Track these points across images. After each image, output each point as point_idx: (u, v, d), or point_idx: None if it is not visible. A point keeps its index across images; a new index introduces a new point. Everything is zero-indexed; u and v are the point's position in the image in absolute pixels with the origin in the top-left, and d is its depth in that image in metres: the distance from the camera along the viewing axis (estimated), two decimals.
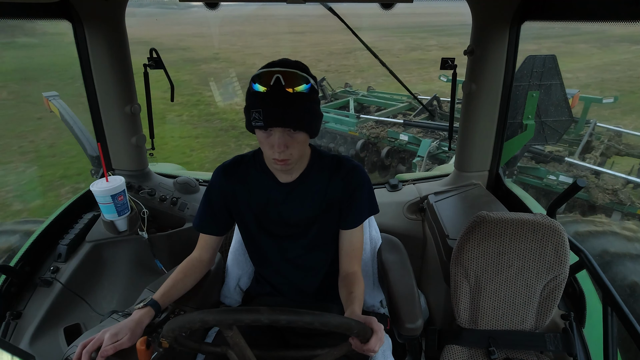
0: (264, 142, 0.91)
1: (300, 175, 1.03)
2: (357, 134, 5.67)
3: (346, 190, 1.04)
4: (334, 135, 6.04)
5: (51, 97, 2.27)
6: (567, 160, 4.24)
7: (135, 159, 1.74)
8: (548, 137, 2.12)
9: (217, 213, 1.08)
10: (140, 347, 0.81)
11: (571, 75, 11.41)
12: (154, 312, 0.94)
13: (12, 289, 1.24)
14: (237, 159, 1.08)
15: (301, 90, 0.86)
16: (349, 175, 1.03)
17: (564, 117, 2.11)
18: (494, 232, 1.15)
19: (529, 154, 4.48)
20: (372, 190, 1.08)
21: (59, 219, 1.50)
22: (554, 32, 18.69)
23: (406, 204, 1.80)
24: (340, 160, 1.05)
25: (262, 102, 0.84)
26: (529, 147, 4.15)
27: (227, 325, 0.73)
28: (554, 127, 2.12)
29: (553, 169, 4.16)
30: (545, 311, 1.17)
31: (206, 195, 1.08)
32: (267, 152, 0.92)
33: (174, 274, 1.04)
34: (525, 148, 4.25)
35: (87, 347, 0.82)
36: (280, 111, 0.84)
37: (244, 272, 1.28)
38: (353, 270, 1.06)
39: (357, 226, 1.07)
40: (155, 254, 1.52)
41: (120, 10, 1.50)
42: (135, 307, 0.94)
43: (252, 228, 1.09)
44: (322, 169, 1.04)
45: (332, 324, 0.72)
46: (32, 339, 1.10)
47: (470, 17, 1.53)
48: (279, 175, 1.03)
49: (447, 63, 1.57)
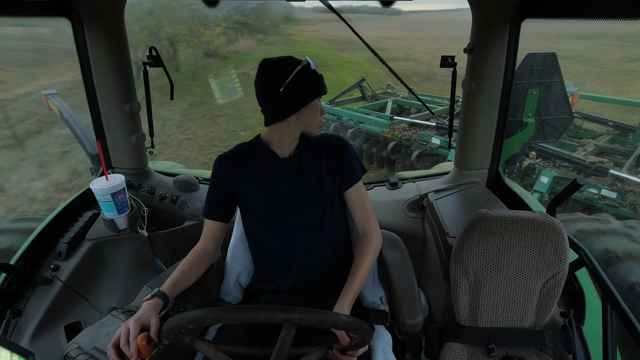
0: (319, 108, 1.12)
1: (296, 149, 1.14)
2: (390, 135, 5.66)
3: (338, 157, 1.15)
4: (367, 135, 6.06)
5: (50, 95, 2.26)
6: (612, 173, 3.85)
7: (135, 157, 1.74)
8: (548, 135, 2.12)
9: (224, 200, 1.14)
10: (140, 342, 0.82)
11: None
12: (162, 303, 0.97)
13: (13, 287, 1.24)
14: (237, 147, 1.16)
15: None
16: (336, 144, 1.17)
17: (564, 115, 2.11)
18: (493, 230, 1.16)
19: (569, 165, 4.19)
20: (355, 153, 1.20)
21: (59, 217, 1.50)
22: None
23: (406, 202, 1.80)
24: (322, 136, 1.19)
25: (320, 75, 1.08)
26: (528, 144, 4.08)
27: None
28: (554, 125, 2.12)
29: (595, 182, 3.82)
30: (545, 309, 1.17)
31: (212, 184, 1.15)
32: (318, 117, 1.12)
33: (180, 266, 1.08)
34: (526, 146, 4.21)
35: (120, 339, 0.84)
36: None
37: (244, 268, 1.28)
38: (367, 230, 1.15)
39: (357, 181, 1.17)
40: (155, 252, 1.52)
41: (119, 8, 1.49)
42: (142, 300, 0.95)
43: (258, 213, 1.14)
44: (310, 146, 1.16)
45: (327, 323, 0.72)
46: (32, 337, 1.10)
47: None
48: (282, 151, 1.12)
49: (446, 61, 1.57)
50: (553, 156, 4.41)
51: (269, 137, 1.13)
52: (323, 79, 1.09)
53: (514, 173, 4.25)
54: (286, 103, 1.04)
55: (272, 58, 1.06)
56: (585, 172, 4.05)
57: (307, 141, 1.16)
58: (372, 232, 1.15)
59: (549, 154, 4.43)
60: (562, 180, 4.00)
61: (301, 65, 1.04)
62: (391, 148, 5.66)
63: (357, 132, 6.20)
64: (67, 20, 1.45)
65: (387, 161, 5.80)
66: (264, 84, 1.04)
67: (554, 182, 4.00)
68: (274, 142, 1.12)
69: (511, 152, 2.01)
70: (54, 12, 1.39)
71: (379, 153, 5.87)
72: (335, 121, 6.55)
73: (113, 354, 0.83)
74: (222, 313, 0.70)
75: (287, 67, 1.03)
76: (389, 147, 5.69)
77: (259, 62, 1.07)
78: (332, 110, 6.72)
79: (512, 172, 4.18)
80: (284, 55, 1.06)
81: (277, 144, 1.12)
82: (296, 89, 1.03)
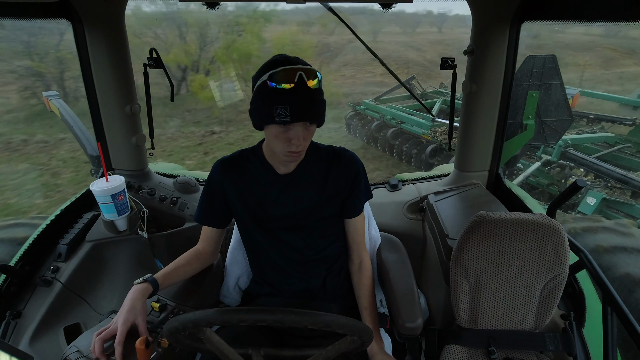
0: (279, 137, 0.92)
1: (298, 165, 1.05)
2: (430, 137, 5.51)
3: (347, 182, 1.07)
4: (408, 136, 5.93)
5: (51, 96, 2.27)
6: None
7: (135, 158, 1.74)
8: (548, 137, 2.12)
9: (217, 205, 1.10)
10: (139, 346, 0.82)
11: None
12: (152, 289, 0.96)
13: (12, 289, 1.24)
14: (237, 153, 1.10)
15: (316, 85, 0.89)
16: (348, 166, 1.07)
17: (564, 117, 2.11)
18: (493, 232, 1.15)
19: (623, 186, 3.74)
20: (367, 177, 1.14)
21: (59, 218, 1.50)
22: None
23: (406, 204, 1.80)
24: (336, 152, 1.08)
25: (290, 98, 0.86)
26: (528, 146, 3.93)
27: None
28: (554, 127, 2.12)
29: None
30: (545, 311, 1.17)
31: (206, 188, 1.10)
32: (281, 146, 0.93)
33: (176, 260, 1.08)
34: (525, 148, 4.11)
35: (101, 335, 0.84)
36: (306, 106, 0.88)
37: (243, 271, 1.28)
38: (363, 260, 1.16)
39: (360, 213, 1.14)
40: (155, 254, 1.52)
41: (120, 10, 1.49)
42: (133, 283, 0.95)
43: (249, 224, 1.10)
44: (319, 160, 1.07)
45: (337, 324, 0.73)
46: (32, 339, 1.10)
47: None
48: (278, 167, 1.05)
49: (446, 63, 1.57)
50: (606, 175, 4.02)
51: (265, 148, 1.06)
52: (291, 104, 0.86)
53: (559, 191, 3.75)
54: (250, 114, 0.95)
55: (279, 54, 0.94)
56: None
57: (316, 152, 1.08)
58: (367, 259, 1.17)
59: (601, 172, 4.03)
60: (613, 204, 3.57)
61: (261, 80, 0.88)
62: (430, 151, 5.48)
63: (398, 131, 6.07)
64: (68, 22, 1.45)
65: (425, 164, 5.62)
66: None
67: (602, 204, 3.58)
68: (269, 155, 1.05)
69: (511, 154, 2.01)
70: (54, 14, 1.39)
71: (419, 155, 5.71)
72: (378, 119, 6.40)
73: (98, 348, 0.83)
74: (233, 314, 0.71)
75: (262, 73, 0.89)
76: (427, 150, 5.50)
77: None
78: (376, 108, 6.56)
79: (560, 192, 3.75)
80: (290, 56, 0.92)
81: (271, 158, 1.05)
82: (253, 105, 0.93)
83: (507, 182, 1.75)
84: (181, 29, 10.16)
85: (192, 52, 10.00)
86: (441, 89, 7.47)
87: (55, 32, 9.38)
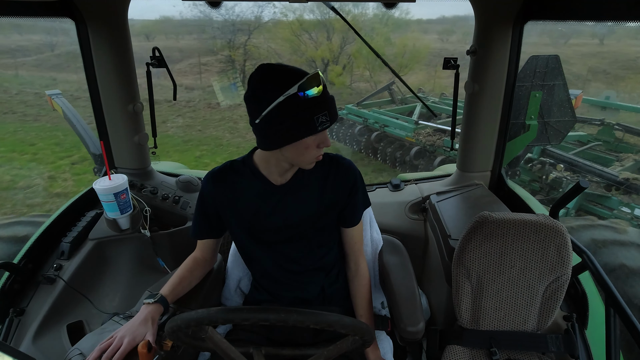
0: (311, 146, 0.88)
1: (294, 175, 1.02)
2: (414, 140, 5.69)
3: (345, 191, 1.05)
4: (392, 139, 6.09)
5: (54, 95, 2.27)
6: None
7: (137, 157, 1.74)
8: (551, 138, 2.11)
9: (211, 219, 1.07)
10: (141, 350, 0.82)
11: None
12: (162, 309, 0.95)
13: (16, 286, 1.24)
14: (227, 165, 1.05)
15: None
16: (345, 174, 1.05)
17: (567, 118, 2.10)
18: (496, 233, 1.15)
19: (601, 180, 3.93)
20: (364, 185, 1.12)
21: (62, 216, 1.51)
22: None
23: (408, 204, 1.80)
24: (332, 158, 1.05)
25: (325, 104, 0.85)
26: (530, 147, 3.99)
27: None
28: (557, 128, 2.11)
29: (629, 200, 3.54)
30: (548, 312, 1.16)
31: (198, 202, 1.07)
32: (313, 154, 0.91)
33: (179, 272, 1.06)
34: (528, 148, 4.15)
35: (106, 352, 0.83)
36: (335, 106, 0.89)
37: (245, 274, 1.28)
38: (360, 266, 1.15)
39: (359, 222, 1.12)
40: (157, 252, 1.52)
41: (123, 9, 1.50)
42: (142, 302, 0.94)
43: (243, 236, 1.08)
44: (316, 167, 1.01)
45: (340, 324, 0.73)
46: (35, 336, 1.11)
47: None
48: (274, 178, 1.01)
49: (449, 63, 1.57)
50: (583, 170, 4.20)
51: (259, 159, 1.01)
52: (327, 108, 0.85)
53: (541, 187, 4.03)
54: (264, 134, 0.87)
55: (272, 65, 0.86)
56: (617, 188, 3.77)
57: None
58: (364, 266, 1.15)
59: (580, 168, 4.21)
60: (592, 197, 3.65)
61: (287, 94, 0.80)
62: (414, 153, 5.65)
63: (381, 135, 6.23)
64: (71, 21, 1.45)
65: (409, 165, 5.81)
66: (247, 102, 0.87)
67: (582, 198, 3.65)
68: (263, 167, 1.01)
69: (514, 154, 2.00)
70: (57, 13, 1.39)
71: (403, 157, 5.88)
72: (361, 123, 6.56)
73: (95, 355, 0.82)
74: (236, 313, 0.72)
75: (275, 87, 0.81)
76: (412, 152, 5.68)
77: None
78: (359, 112, 6.75)
79: (542, 187, 3.93)
80: (287, 65, 0.86)
81: (266, 169, 1.01)
82: (277, 123, 0.83)
83: (510, 183, 1.74)
84: (329, 32, 13.70)
85: (334, 49, 13.44)
86: (420, 94, 7.59)
87: (246, 31, 13.40)
